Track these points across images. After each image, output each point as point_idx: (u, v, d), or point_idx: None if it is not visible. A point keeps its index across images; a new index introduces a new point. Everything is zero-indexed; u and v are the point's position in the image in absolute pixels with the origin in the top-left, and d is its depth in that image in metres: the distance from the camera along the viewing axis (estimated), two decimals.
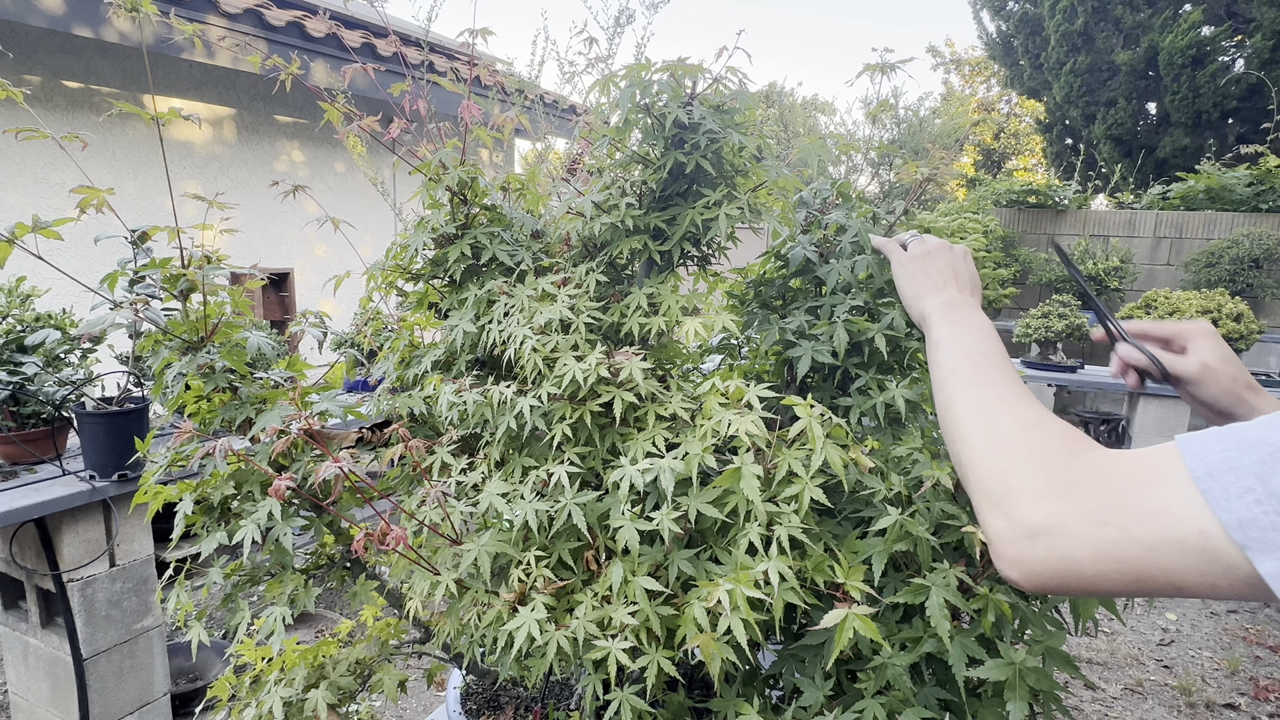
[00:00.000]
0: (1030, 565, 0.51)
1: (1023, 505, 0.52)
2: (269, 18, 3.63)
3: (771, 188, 1.07)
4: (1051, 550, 0.50)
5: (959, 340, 0.72)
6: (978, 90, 16.46)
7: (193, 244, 1.23)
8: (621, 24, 4.53)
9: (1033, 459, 0.54)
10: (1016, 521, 0.52)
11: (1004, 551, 0.53)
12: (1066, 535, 0.49)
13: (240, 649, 1.22)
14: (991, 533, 0.54)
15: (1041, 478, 0.52)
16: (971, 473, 0.58)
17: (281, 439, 0.89)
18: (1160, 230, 6.33)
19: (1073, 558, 0.49)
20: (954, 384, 0.67)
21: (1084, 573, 0.49)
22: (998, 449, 0.57)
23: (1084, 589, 0.50)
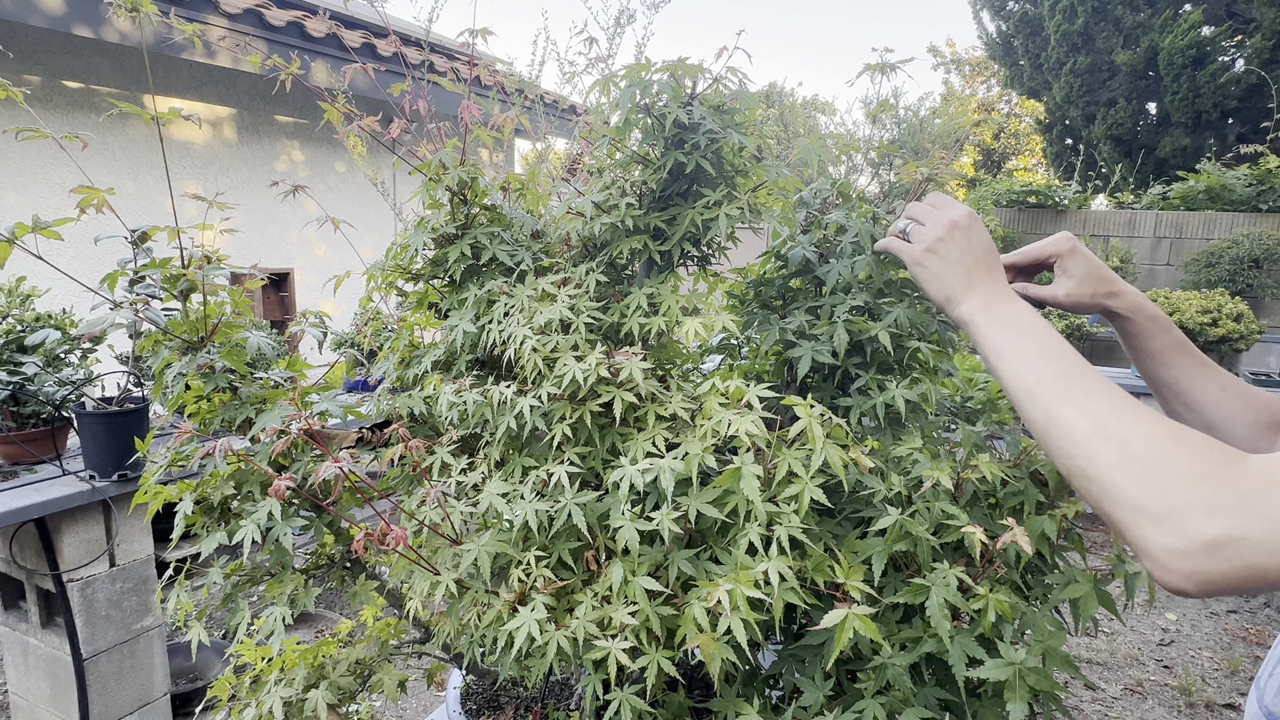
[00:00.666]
0: (1209, 577, 0.53)
1: (1195, 521, 0.53)
2: (269, 18, 3.63)
3: (771, 188, 1.07)
4: (1235, 561, 0.52)
5: (1026, 347, 0.71)
6: (978, 90, 16.46)
7: (193, 244, 1.23)
8: (622, 24, 4.53)
9: (1190, 473, 0.55)
10: (1191, 537, 0.53)
11: (1176, 566, 0.54)
12: (1251, 546, 0.51)
13: (240, 649, 1.22)
14: (1157, 549, 0.55)
15: (1208, 491, 0.54)
16: (1112, 489, 0.58)
17: (281, 439, 0.89)
18: (1160, 230, 6.33)
19: (1258, 565, 0.51)
20: (1048, 396, 0.66)
21: (1271, 577, 0.51)
22: (1141, 464, 0.57)
23: (1258, 588, 0.53)
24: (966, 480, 0.86)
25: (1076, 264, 0.89)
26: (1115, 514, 0.58)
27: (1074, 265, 0.89)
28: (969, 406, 1.29)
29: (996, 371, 0.73)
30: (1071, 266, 0.89)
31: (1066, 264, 0.90)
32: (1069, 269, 0.90)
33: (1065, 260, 0.90)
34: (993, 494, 0.91)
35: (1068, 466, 0.63)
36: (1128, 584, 0.79)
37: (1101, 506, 0.59)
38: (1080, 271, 0.89)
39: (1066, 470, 0.63)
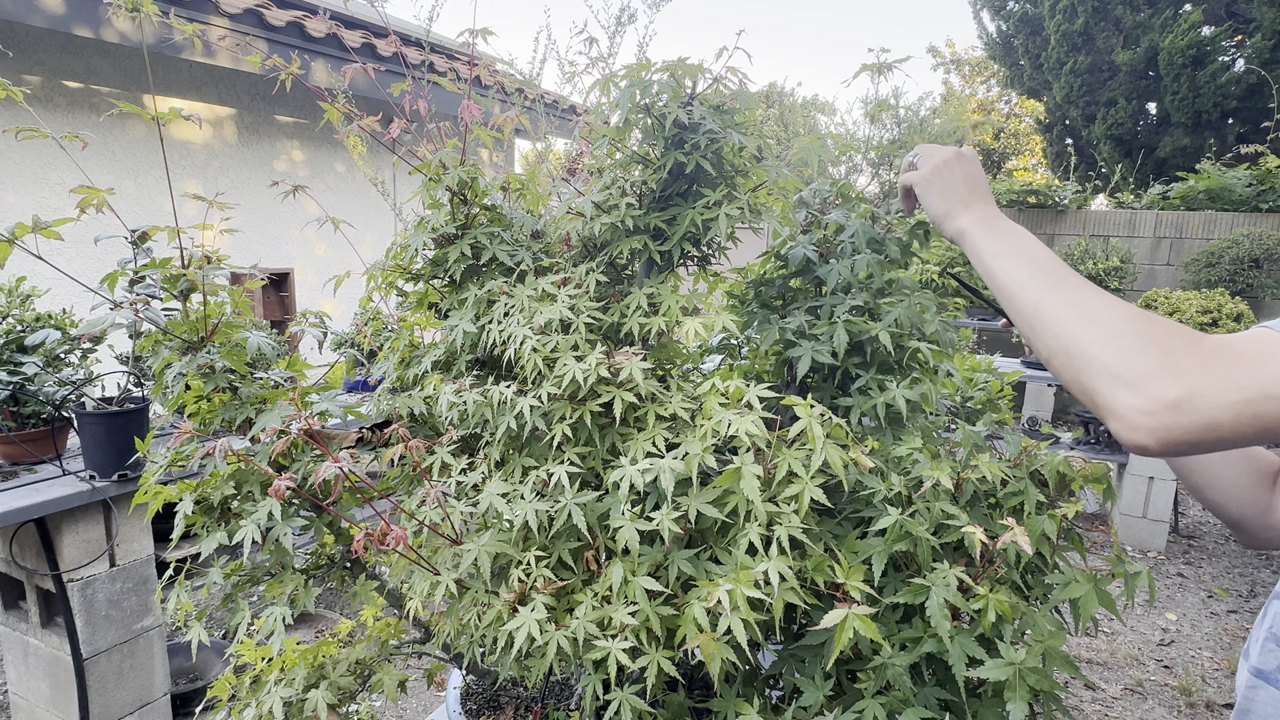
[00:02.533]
0: (1171, 431, 0.61)
1: (1162, 382, 0.61)
2: (269, 18, 3.63)
3: (771, 188, 1.07)
4: (1194, 415, 0.60)
5: (1019, 250, 0.79)
6: (978, 90, 16.45)
7: (193, 244, 1.23)
8: (623, 23, 4.53)
9: (1161, 345, 0.63)
10: (1158, 396, 0.61)
11: (1141, 423, 0.62)
12: (1209, 401, 0.60)
13: (240, 649, 1.22)
14: (1125, 409, 0.63)
15: (1175, 358, 0.62)
16: (1092, 361, 0.66)
17: (281, 439, 0.89)
18: (1160, 230, 6.33)
19: (1215, 420, 0.60)
20: (1037, 288, 0.74)
21: (1221, 431, 0.60)
22: (1121, 338, 0.65)
23: (1211, 446, 0.61)
24: (966, 480, 0.86)
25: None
26: (1093, 382, 0.65)
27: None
28: (969, 406, 1.29)
29: (991, 272, 0.80)
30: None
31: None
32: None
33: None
34: (993, 494, 0.91)
35: (1051, 347, 0.70)
36: (1128, 584, 0.79)
37: (1080, 379, 0.67)
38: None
39: (1049, 351, 0.71)
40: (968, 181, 0.89)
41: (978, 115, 15.62)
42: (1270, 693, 0.80)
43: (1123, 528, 4.24)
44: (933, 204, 0.90)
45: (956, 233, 0.87)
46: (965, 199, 0.88)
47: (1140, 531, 4.24)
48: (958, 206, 0.88)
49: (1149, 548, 4.24)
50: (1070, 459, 0.90)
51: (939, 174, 0.90)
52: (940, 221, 0.90)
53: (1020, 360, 4.66)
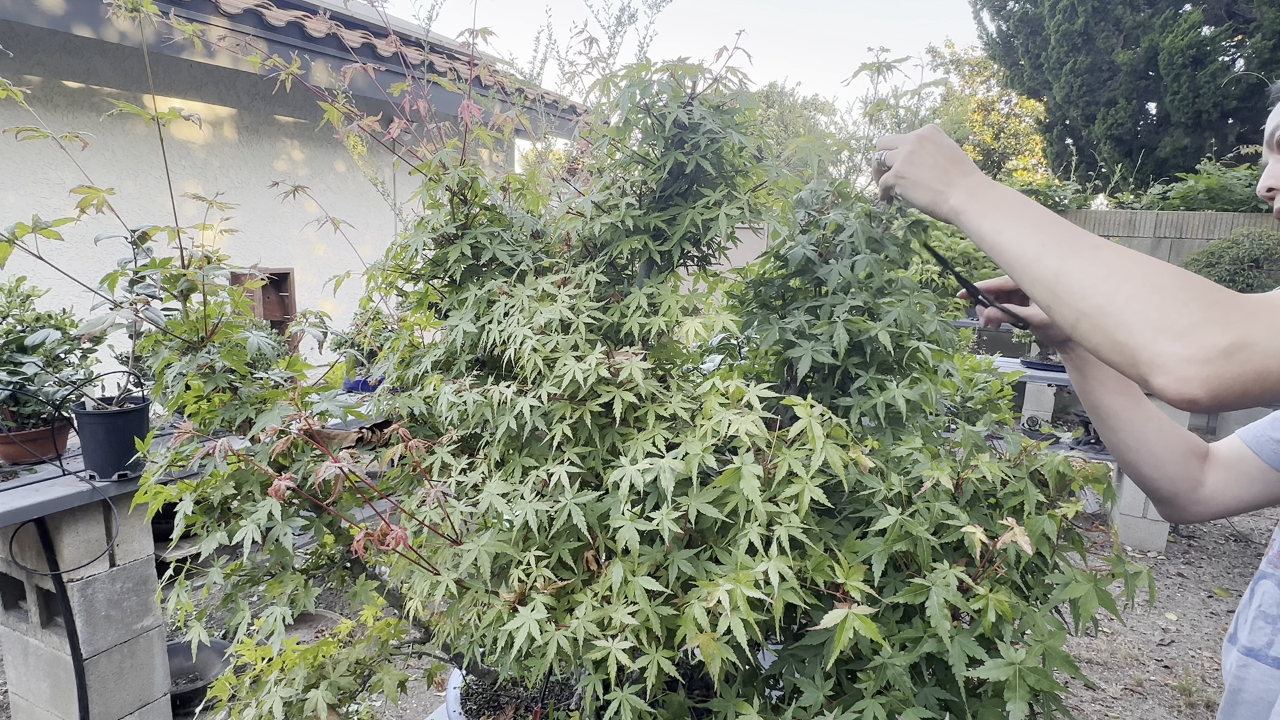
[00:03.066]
0: (1223, 380, 0.61)
1: (1212, 331, 0.61)
2: (269, 18, 3.63)
3: (771, 188, 1.07)
4: (1245, 365, 0.60)
5: (1022, 220, 0.77)
6: (977, 90, 16.45)
7: (193, 244, 1.23)
8: (623, 23, 4.53)
9: (1204, 297, 0.63)
10: (1209, 344, 0.61)
11: (1192, 374, 0.61)
12: (1261, 350, 0.60)
13: (240, 649, 1.22)
14: (1176, 360, 0.62)
15: (1220, 310, 0.62)
16: (1133, 317, 0.65)
17: (281, 439, 0.89)
18: (1160, 230, 6.33)
19: (1264, 368, 0.60)
20: (1054, 255, 0.72)
21: (1269, 380, 0.60)
22: (1161, 293, 0.64)
23: (1258, 397, 0.62)
24: (966, 480, 0.86)
25: None
26: (1134, 338, 0.64)
27: None
28: (969, 406, 1.29)
29: (997, 247, 0.77)
30: None
31: None
32: None
33: None
34: (993, 494, 0.91)
35: (1080, 309, 0.68)
36: (1128, 584, 0.79)
37: (1117, 337, 0.65)
38: None
39: (1076, 314, 0.69)
40: (940, 160, 0.87)
41: (978, 115, 15.60)
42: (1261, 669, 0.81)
43: (1123, 528, 4.24)
44: (917, 197, 0.88)
45: (950, 214, 0.85)
46: (944, 179, 0.86)
47: (1140, 531, 4.24)
48: (941, 189, 0.86)
49: (1149, 548, 4.24)
50: (1070, 459, 0.90)
51: (910, 164, 0.88)
52: (931, 210, 0.88)
53: (1020, 360, 4.66)
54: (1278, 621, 0.79)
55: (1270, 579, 0.81)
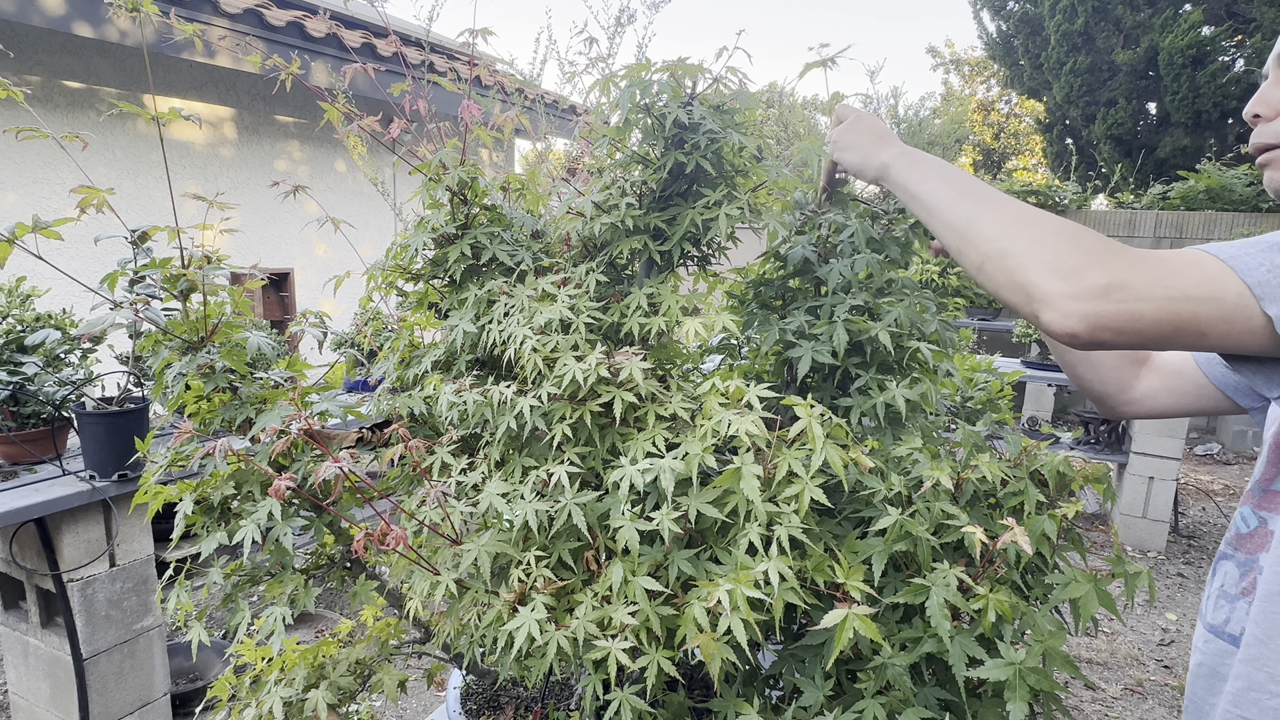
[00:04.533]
0: (1100, 317, 0.65)
1: (1095, 271, 0.66)
2: (269, 18, 3.63)
3: (772, 188, 1.07)
4: (1121, 304, 0.65)
5: (943, 174, 0.84)
6: (977, 90, 16.45)
7: (193, 244, 1.23)
8: (623, 24, 4.53)
9: (1094, 244, 0.68)
10: (1090, 283, 0.66)
11: (1073, 309, 0.66)
12: (1135, 293, 0.65)
13: (240, 649, 1.22)
14: (1058, 294, 0.67)
15: (1107, 255, 0.67)
16: (1029, 258, 0.70)
17: (281, 439, 0.89)
18: (1160, 230, 6.33)
19: (1138, 312, 0.65)
20: (968, 204, 0.78)
21: (1142, 324, 0.65)
22: (1057, 237, 0.70)
23: (1131, 337, 0.66)
24: (966, 480, 0.86)
25: None
26: (1028, 277, 0.69)
27: None
28: (969, 406, 1.29)
29: (919, 195, 0.84)
30: None
31: None
32: None
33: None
34: (993, 494, 0.91)
35: (985, 251, 0.74)
36: (1128, 584, 0.79)
37: (1015, 277, 0.71)
38: None
39: (982, 257, 0.75)
40: (874, 131, 0.95)
41: (977, 115, 15.60)
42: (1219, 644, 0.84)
43: (1123, 528, 4.24)
44: (850, 159, 0.96)
45: (880, 169, 0.92)
46: (878, 143, 0.93)
47: (1140, 531, 4.24)
48: (874, 149, 0.93)
49: (1149, 548, 4.24)
50: (1070, 459, 0.90)
51: (845, 132, 0.97)
52: (861, 170, 0.95)
53: (1020, 360, 4.66)
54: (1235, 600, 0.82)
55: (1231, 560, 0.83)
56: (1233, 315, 0.65)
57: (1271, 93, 0.86)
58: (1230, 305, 0.65)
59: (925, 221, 0.84)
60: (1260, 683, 0.75)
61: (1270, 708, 0.74)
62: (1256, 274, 0.65)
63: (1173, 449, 4.12)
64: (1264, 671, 0.75)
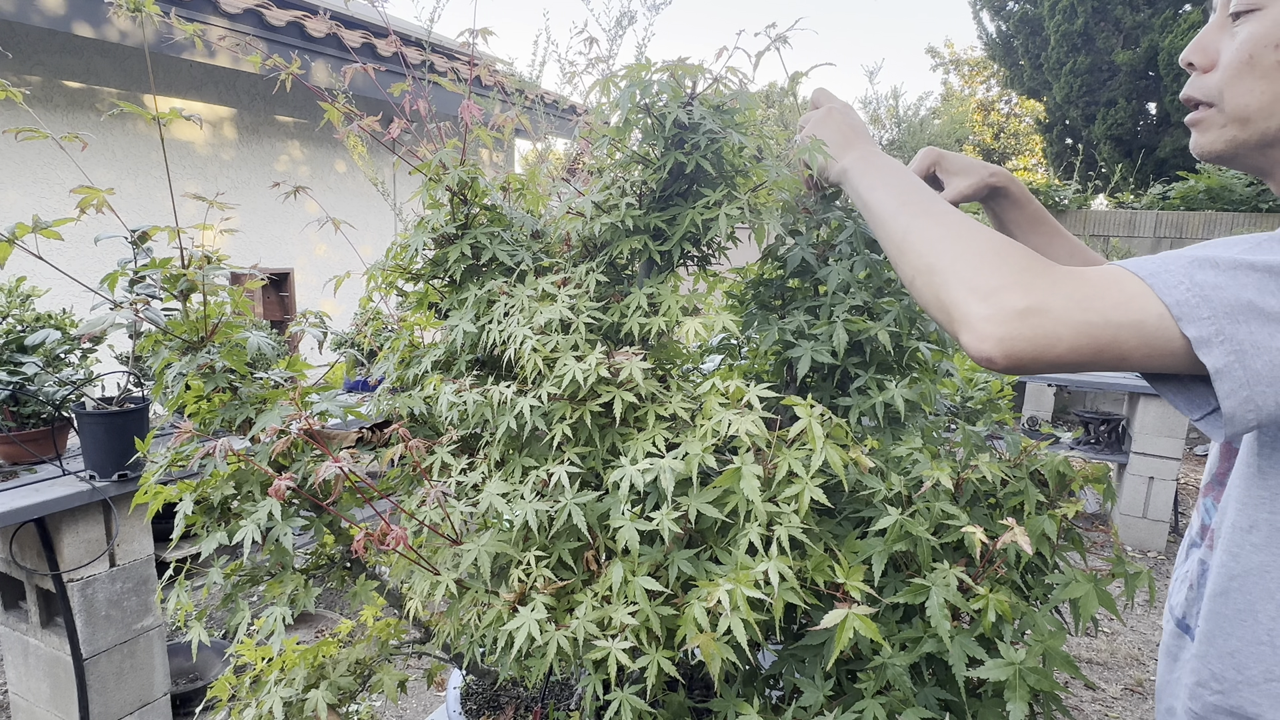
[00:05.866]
0: (1015, 342, 0.62)
1: (1013, 294, 0.63)
2: (269, 18, 3.63)
3: (771, 188, 1.07)
4: (1038, 328, 0.62)
5: (893, 182, 0.83)
6: (977, 90, 16.45)
7: (193, 244, 1.23)
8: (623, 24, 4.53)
9: (1017, 264, 0.66)
10: (1007, 306, 0.63)
11: (989, 332, 0.63)
12: (1053, 317, 0.62)
13: (240, 649, 1.22)
14: (976, 318, 0.65)
15: (1029, 276, 0.64)
16: (952, 276, 0.68)
17: (281, 439, 0.89)
18: (1160, 230, 6.33)
19: (1055, 334, 0.62)
20: (908, 214, 0.77)
21: (1059, 347, 0.62)
22: (980, 256, 0.68)
23: (1051, 362, 0.63)
24: (966, 480, 0.86)
25: (952, 163, 1.05)
26: (950, 295, 0.68)
27: (951, 164, 1.05)
28: (969, 406, 1.29)
29: (868, 204, 0.83)
30: (950, 166, 1.05)
31: (945, 166, 1.05)
32: (950, 169, 1.04)
33: (942, 164, 1.05)
34: (993, 494, 0.91)
35: (915, 265, 0.73)
36: (1128, 584, 0.79)
37: (939, 294, 0.69)
38: (959, 166, 1.04)
39: (913, 270, 0.73)
40: (843, 129, 0.94)
41: (977, 115, 15.59)
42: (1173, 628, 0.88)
43: (1123, 528, 4.24)
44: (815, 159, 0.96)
45: (840, 174, 0.91)
46: (844, 143, 0.92)
47: (1140, 531, 4.24)
48: (840, 151, 0.92)
49: (1149, 548, 4.24)
50: (1070, 459, 0.90)
51: (817, 128, 0.96)
52: (824, 171, 0.95)
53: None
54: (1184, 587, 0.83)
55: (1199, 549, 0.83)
56: (1153, 338, 0.61)
57: (1211, 38, 0.75)
58: (1151, 328, 0.61)
59: (872, 229, 0.83)
60: (1205, 679, 0.76)
61: (1210, 703, 0.75)
62: (1175, 293, 0.61)
63: (1173, 449, 4.12)
64: (1208, 669, 0.76)
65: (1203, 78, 0.76)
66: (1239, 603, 0.73)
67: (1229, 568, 0.74)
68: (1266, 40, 0.69)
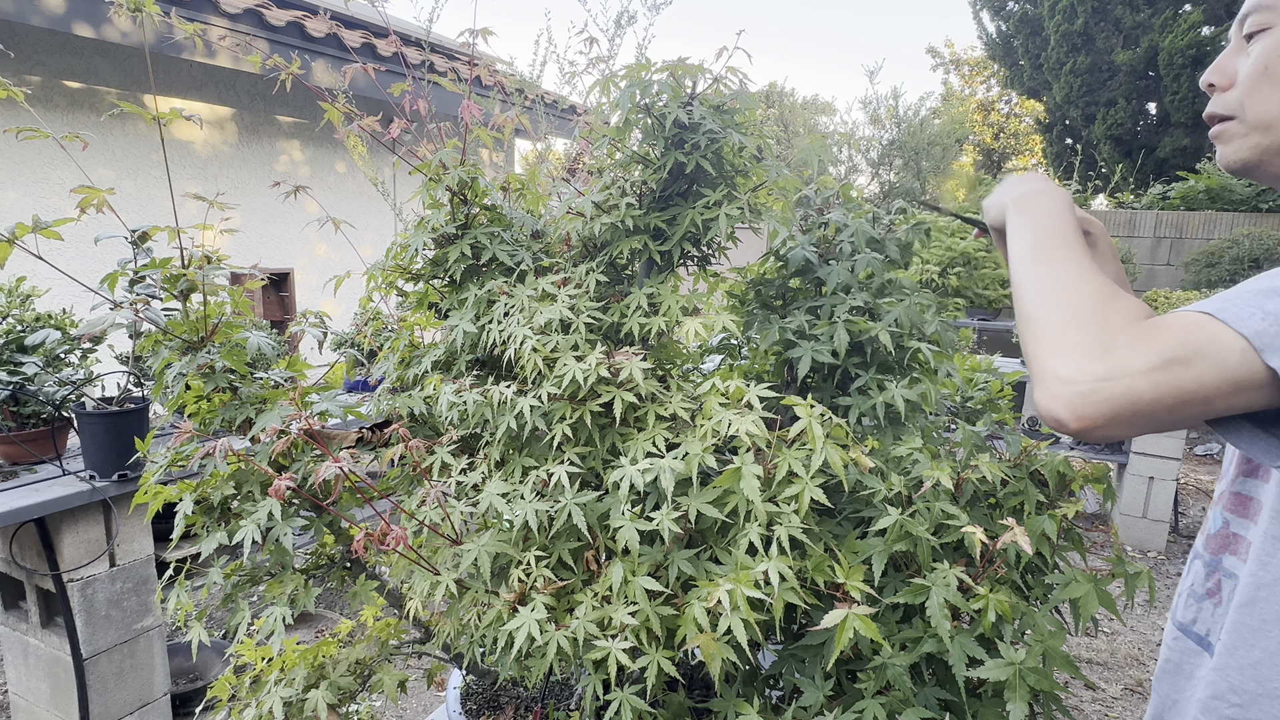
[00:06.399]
0: (1086, 405, 0.61)
1: (1090, 357, 0.62)
2: (269, 18, 3.63)
3: (771, 188, 1.07)
4: (1114, 390, 0.60)
5: (1035, 225, 0.80)
6: (977, 90, 16.45)
7: (193, 244, 1.23)
8: (623, 24, 4.52)
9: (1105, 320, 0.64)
10: (1084, 370, 0.62)
11: (1058, 392, 0.62)
12: (1131, 377, 0.60)
13: (240, 649, 1.22)
14: (1051, 375, 0.63)
15: (1112, 335, 0.63)
16: (1039, 329, 0.68)
17: (281, 439, 0.89)
18: (1160, 230, 6.33)
19: (1133, 393, 0.60)
20: (1031, 259, 0.75)
21: (1141, 405, 0.60)
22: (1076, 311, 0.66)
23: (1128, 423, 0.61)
24: (966, 480, 0.86)
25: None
26: (1035, 348, 0.67)
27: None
28: (969, 406, 1.29)
29: (1009, 245, 0.81)
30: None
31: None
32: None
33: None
34: (993, 494, 0.91)
35: (1020, 312, 0.72)
36: (1128, 584, 0.79)
37: (1028, 345, 0.68)
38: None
39: (1018, 316, 0.72)
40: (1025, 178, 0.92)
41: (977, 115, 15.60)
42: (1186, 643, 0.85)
43: (1123, 528, 4.24)
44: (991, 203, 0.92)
45: (1000, 211, 0.87)
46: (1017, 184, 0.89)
47: (1140, 531, 4.24)
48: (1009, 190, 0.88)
49: (1149, 548, 4.24)
50: (1070, 459, 0.90)
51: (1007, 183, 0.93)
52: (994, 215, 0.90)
53: (1020, 360, 4.66)
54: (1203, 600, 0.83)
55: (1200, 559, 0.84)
56: (1237, 375, 0.60)
57: (1229, 61, 0.80)
58: (1233, 365, 0.60)
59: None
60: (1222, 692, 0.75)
61: (1226, 716, 0.74)
62: (1251, 324, 0.60)
63: (1173, 449, 4.12)
64: (1226, 681, 0.74)
65: (1223, 95, 0.80)
66: (1265, 612, 0.72)
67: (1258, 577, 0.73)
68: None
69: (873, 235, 1.04)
